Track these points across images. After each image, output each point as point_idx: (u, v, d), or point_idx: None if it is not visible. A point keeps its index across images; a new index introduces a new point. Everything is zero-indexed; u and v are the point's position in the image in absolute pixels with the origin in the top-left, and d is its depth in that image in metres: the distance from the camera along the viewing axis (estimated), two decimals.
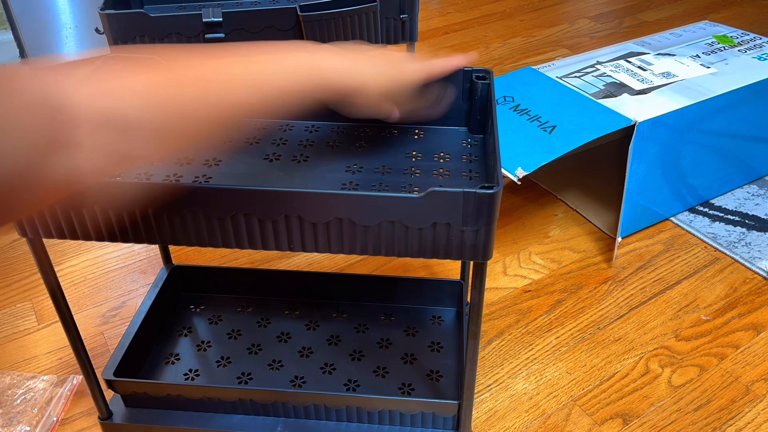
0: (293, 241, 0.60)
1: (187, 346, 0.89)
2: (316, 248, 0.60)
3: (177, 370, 0.86)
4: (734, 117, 1.14)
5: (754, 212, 1.20)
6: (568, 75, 1.18)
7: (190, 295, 0.97)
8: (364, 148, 0.74)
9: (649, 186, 1.11)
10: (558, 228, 1.19)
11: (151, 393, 0.79)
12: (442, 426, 0.78)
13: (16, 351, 0.95)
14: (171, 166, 0.70)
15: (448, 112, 0.76)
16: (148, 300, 0.89)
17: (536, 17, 2.10)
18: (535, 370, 0.92)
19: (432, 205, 0.56)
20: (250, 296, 0.96)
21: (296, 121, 0.78)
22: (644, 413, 0.85)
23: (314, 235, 0.59)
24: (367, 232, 0.58)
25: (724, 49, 1.25)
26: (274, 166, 0.71)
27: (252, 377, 0.84)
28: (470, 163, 0.71)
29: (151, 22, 0.83)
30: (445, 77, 0.70)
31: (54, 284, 0.67)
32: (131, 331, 0.84)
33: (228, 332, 0.91)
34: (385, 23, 0.89)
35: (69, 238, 0.61)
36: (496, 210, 0.56)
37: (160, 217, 0.59)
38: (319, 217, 0.58)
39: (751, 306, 1.01)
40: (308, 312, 0.94)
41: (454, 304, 0.94)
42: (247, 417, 0.79)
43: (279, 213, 0.58)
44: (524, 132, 1.04)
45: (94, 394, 0.76)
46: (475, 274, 0.62)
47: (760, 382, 0.89)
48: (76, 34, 1.75)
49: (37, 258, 0.65)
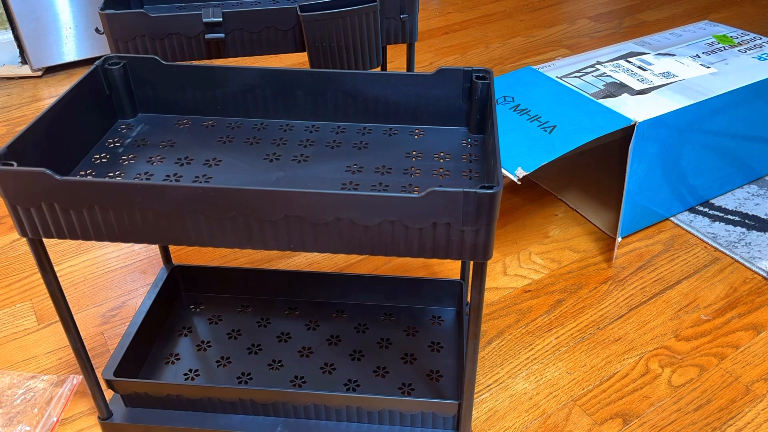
0: (293, 241, 0.60)
1: (187, 346, 0.89)
2: (316, 248, 0.60)
3: (177, 370, 0.86)
4: (734, 117, 1.14)
5: (754, 212, 1.20)
6: (568, 75, 1.18)
7: (190, 295, 0.97)
8: (364, 148, 0.74)
9: (649, 186, 1.11)
10: (558, 228, 1.19)
11: (151, 393, 0.79)
12: (442, 426, 0.78)
13: (16, 351, 0.95)
14: (171, 165, 0.70)
15: (448, 112, 0.76)
16: (148, 300, 0.89)
17: (536, 17, 2.10)
18: (535, 370, 0.92)
19: (432, 205, 0.56)
20: (250, 296, 0.96)
21: (296, 121, 0.78)
22: (644, 413, 0.85)
23: (314, 235, 0.59)
24: (367, 232, 0.58)
25: (724, 49, 1.25)
26: (274, 166, 0.71)
27: (252, 377, 0.84)
28: (470, 163, 0.71)
29: (151, 22, 0.83)
30: (445, 78, 0.70)
31: (54, 284, 0.67)
32: (131, 331, 0.84)
33: (228, 332, 0.91)
34: (385, 23, 0.89)
35: (69, 237, 0.61)
36: (496, 210, 0.56)
37: (160, 218, 0.59)
38: (319, 217, 0.58)
39: (751, 306, 1.01)
40: (308, 312, 0.94)
41: (454, 304, 0.94)
42: (247, 417, 0.79)
43: (279, 213, 0.58)
44: (524, 132, 1.04)
45: (94, 394, 0.76)
46: (475, 274, 0.62)
47: (760, 382, 0.89)
48: (76, 34, 1.75)
49: (37, 258, 0.65)
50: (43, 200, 0.59)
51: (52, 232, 0.61)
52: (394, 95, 0.76)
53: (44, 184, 0.58)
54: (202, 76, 0.77)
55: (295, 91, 0.77)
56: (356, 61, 0.89)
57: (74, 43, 1.76)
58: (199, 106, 0.79)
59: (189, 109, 0.79)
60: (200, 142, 0.75)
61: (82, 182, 0.58)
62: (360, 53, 0.89)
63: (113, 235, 0.61)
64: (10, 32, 1.76)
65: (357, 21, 0.85)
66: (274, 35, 0.87)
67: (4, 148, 0.59)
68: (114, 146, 0.74)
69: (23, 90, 1.71)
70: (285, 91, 0.77)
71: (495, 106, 0.68)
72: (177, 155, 0.72)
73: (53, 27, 1.71)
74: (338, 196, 0.56)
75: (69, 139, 0.69)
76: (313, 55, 0.87)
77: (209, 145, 0.74)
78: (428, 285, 0.94)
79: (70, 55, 1.77)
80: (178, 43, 0.85)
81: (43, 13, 1.68)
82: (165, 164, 0.71)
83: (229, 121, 0.79)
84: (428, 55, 1.87)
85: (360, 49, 0.88)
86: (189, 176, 0.69)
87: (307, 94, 0.77)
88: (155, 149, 0.73)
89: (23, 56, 1.78)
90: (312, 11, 0.84)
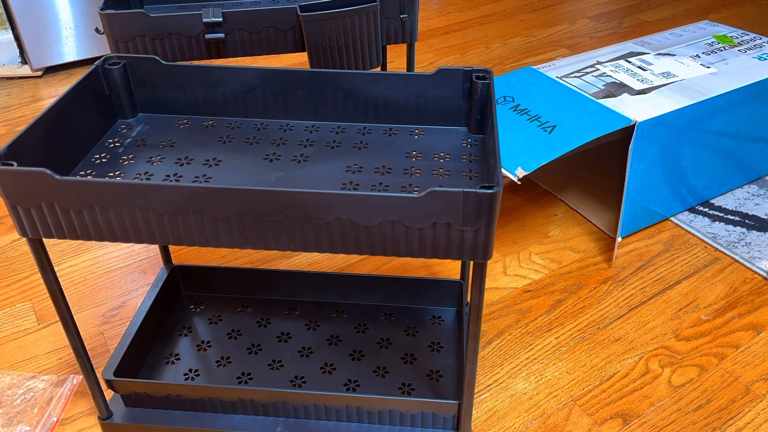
0: (293, 241, 0.60)
1: (187, 346, 0.89)
2: (316, 248, 0.60)
3: (177, 370, 0.86)
4: (734, 117, 1.14)
5: (754, 212, 1.20)
6: (568, 75, 1.18)
7: (190, 295, 0.97)
8: (364, 147, 0.74)
9: (649, 186, 1.11)
10: (558, 228, 1.19)
11: (152, 393, 0.79)
12: (442, 426, 0.78)
13: (16, 351, 0.95)
14: (171, 165, 0.70)
15: (448, 112, 0.76)
16: (148, 300, 0.89)
17: (536, 17, 2.10)
18: (535, 370, 0.92)
19: (432, 205, 0.56)
20: (250, 296, 0.96)
21: (296, 121, 0.78)
22: (644, 413, 0.85)
23: (314, 235, 0.59)
24: (367, 232, 0.58)
25: (724, 49, 1.25)
26: (274, 165, 0.71)
27: (252, 377, 0.84)
28: (470, 163, 0.71)
29: (151, 22, 0.83)
30: (445, 78, 0.70)
31: (54, 284, 0.67)
32: (131, 331, 0.84)
33: (228, 332, 0.91)
34: (385, 23, 0.89)
35: (69, 237, 0.61)
36: (496, 210, 0.56)
37: (160, 218, 0.59)
38: (319, 217, 0.58)
39: (751, 306, 1.01)
40: (308, 312, 0.94)
41: (454, 304, 0.94)
42: (247, 417, 0.79)
43: (279, 213, 0.58)
44: (524, 132, 1.04)
45: (94, 394, 0.76)
46: (475, 274, 0.62)
47: (760, 382, 0.89)
48: (76, 34, 1.75)
49: (37, 258, 0.65)
50: (43, 200, 0.59)
51: (52, 232, 0.61)
52: (394, 95, 0.76)
53: (44, 184, 0.58)
54: (201, 76, 0.77)
55: (294, 91, 0.77)
56: (356, 61, 0.89)
57: (74, 43, 1.76)
58: (199, 106, 0.79)
59: (189, 109, 0.79)
60: (200, 142, 0.75)
61: (82, 182, 0.58)
62: (360, 53, 0.89)
63: (113, 235, 0.61)
64: (10, 32, 1.76)
65: (357, 21, 0.85)
66: (274, 35, 0.87)
67: (4, 148, 0.59)
68: (114, 146, 0.74)
69: (23, 90, 1.71)
70: (285, 91, 0.77)
71: (495, 106, 0.68)
72: (177, 155, 0.72)
73: (53, 27, 1.71)
74: (338, 196, 0.56)
75: (69, 140, 0.69)
76: (313, 55, 0.87)
77: (209, 145, 0.74)
78: (428, 285, 0.94)
79: (70, 55, 1.77)
80: (178, 43, 0.85)
81: (43, 13, 1.68)
82: (165, 164, 0.71)
83: (229, 121, 0.79)
84: (428, 55, 1.87)
85: (360, 49, 0.88)
86: (189, 176, 0.69)
87: (306, 94, 0.77)
88: (155, 149, 0.73)
89: (23, 56, 1.78)
90: (312, 11, 0.84)
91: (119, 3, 0.93)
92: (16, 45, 1.77)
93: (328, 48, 0.87)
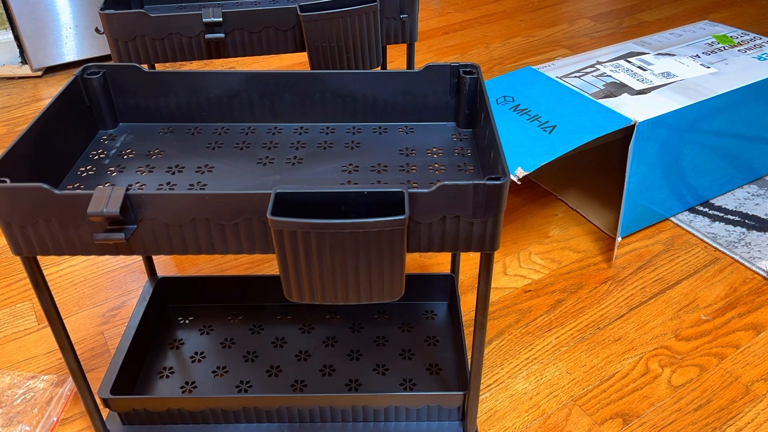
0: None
1: (180, 359, 0.87)
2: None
3: (172, 384, 0.84)
4: (734, 117, 1.14)
5: (754, 212, 1.20)
6: (568, 75, 1.18)
7: (178, 307, 0.95)
8: (356, 147, 0.74)
9: (649, 186, 1.11)
10: (558, 228, 1.19)
11: (150, 409, 0.76)
12: (447, 418, 0.78)
13: (16, 351, 0.95)
14: (162, 174, 0.69)
15: (436, 108, 0.76)
16: (136, 315, 0.87)
17: (536, 17, 2.10)
18: (535, 370, 0.92)
19: (442, 199, 0.56)
20: (240, 304, 0.95)
21: (284, 123, 0.78)
22: (644, 413, 0.85)
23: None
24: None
25: (724, 49, 1.25)
26: (268, 169, 0.70)
27: (251, 385, 0.83)
28: (463, 157, 0.71)
29: (151, 22, 0.83)
30: (432, 74, 0.70)
31: (49, 303, 0.64)
32: (123, 347, 0.82)
33: (221, 341, 0.89)
34: (385, 23, 0.89)
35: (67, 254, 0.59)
36: (503, 200, 0.56)
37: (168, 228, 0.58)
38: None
39: (751, 306, 1.01)
40: (301, 315, 0.93)
41: (445, 298, 0.94)
42: (251, 425, 0.78)
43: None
44: (524, 132, 1.04)
45: (91, 414, 0.73)
46: (482, 264, 0.62)
47: (760, 382, 0.89)
48: (76, 34, 1.75)
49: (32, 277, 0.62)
50: (41, 216, 0.57)
51: (50, 248, 0.59)
52: (381, 93, 0.76)
53: (42, 200, 0.56)
54: (184, 83, 0.74)
55: (281, 93, 0.75)
56: (356, 61, 0.89)
57: (74, 43, 1.76)
58: (183, 113, 0.77)
59: (172, 117, 0.77)
60: (188, 149, 0.73)
61: (81, 195, 0.55)
62: (360, 53, 0.89)
63: (113, 249, 0.59)
64: (10, 32, 1.76)
65: (357, 21, 0.85)
66: (274, 35, 0.87)
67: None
68: (99, 158, 0.71)
69: (23, 90, 1.72)
70: (271, 94, 0.76)
71: (488, 99, 0.68)
72: (167, 164, 0.70)
73: (53, 27, 1.71)
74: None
75: (54, 153, 0.67)
76: (313, 55, 0.87)
77: (198, 152, 0.73)
78: (419, 280, 0.94)
79: (70, 55, 1.77)
80: (178, 43, 0.85)
81: (43, 13, 1.68)
82: (156, 173, 0.69)
83: (215, 127, 0.77)
84: (428, 55, 1.87)
85: (360, 49, 0.88)
86: (183, 184, 0.67)
87: (293, 96, 0.76)
88: (143, 159, 0.71)
89: (23, 56, 1.78)
90: (312, 11, 0.84)
91: (119, 3, 0.93)
92: (16, 45, 1.77)
93: (328, 48, 0.87)
